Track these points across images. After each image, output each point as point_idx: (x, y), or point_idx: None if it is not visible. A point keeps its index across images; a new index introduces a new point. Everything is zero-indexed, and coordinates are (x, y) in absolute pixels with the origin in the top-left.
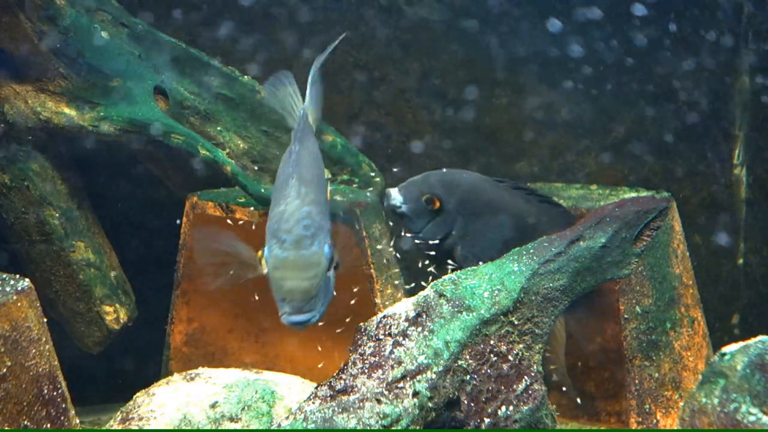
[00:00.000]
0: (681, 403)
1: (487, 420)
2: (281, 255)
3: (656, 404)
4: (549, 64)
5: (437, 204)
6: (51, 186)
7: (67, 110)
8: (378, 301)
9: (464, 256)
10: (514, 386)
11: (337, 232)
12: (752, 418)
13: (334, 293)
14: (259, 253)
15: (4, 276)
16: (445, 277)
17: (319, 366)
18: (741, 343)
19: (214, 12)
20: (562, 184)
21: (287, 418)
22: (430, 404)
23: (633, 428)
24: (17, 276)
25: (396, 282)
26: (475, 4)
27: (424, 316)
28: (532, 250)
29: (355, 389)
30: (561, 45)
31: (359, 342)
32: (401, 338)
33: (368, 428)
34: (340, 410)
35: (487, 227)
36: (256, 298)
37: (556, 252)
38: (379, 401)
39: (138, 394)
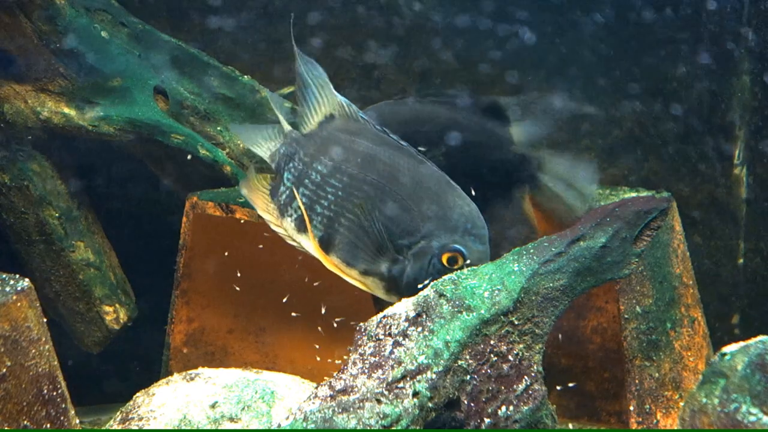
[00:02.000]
0: (681, 403)
1: (487, 420)
2: (483, 248)
3: (656, 404)
4: (548, 63)
5: None
6: (51, 186)
7: (67, 110)
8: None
9: None
10: (515, 386)
11: None
12: (752, 418)
13: None
14: (447, 255)
15: (4, 276)
16: (445, 277)
17: (328, 361)
18: (741, 343)
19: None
20: None
21: (287, 418)
22: (430, 404)
23: (633, 428)
24: (17, 276)
25: None
26: (472, 4)
27: (424, 316)
28: (532, 250)
29: (355, 389)
30: (560, 44)
31: (359, 342)
32: (401, 338)
33: (368, 428)
34: (340, 410)
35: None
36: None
37: (557, 252)
38: (379, 401)
39: (138, 394)
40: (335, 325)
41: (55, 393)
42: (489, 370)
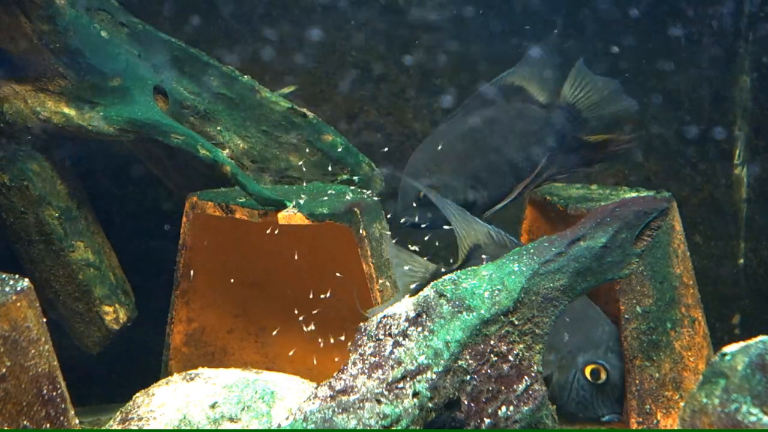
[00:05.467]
0: (681, 403)
1: (487, 420)
2: (621, 364)
3: (657, 404)
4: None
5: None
6: (51, 186)
7: (66, 110)
8: (378, 301)
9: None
10: (515, 386)
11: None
12: (753, 419)
13: None
14: (590, 368)
15: (4, 276)
16: (446, 277)
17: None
18: (742, 343)
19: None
20: (563, 184)
21: (287, 418)
22: (430, 404)
23: (633, 428)
24: (17, 276)
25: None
26: (471, 4)
27: (424, 316)
28: (532, 250)
29: (355, 389)
30: (560, 44)
31: (359, 342)
32: (401, 338)
33: (368, 428)
34: (340, 410)
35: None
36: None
37: (557, 252)
38: (379, 401)
39: (138, 394)
40: (336, 326)
41: (55, 393)
42: (489, 371)
